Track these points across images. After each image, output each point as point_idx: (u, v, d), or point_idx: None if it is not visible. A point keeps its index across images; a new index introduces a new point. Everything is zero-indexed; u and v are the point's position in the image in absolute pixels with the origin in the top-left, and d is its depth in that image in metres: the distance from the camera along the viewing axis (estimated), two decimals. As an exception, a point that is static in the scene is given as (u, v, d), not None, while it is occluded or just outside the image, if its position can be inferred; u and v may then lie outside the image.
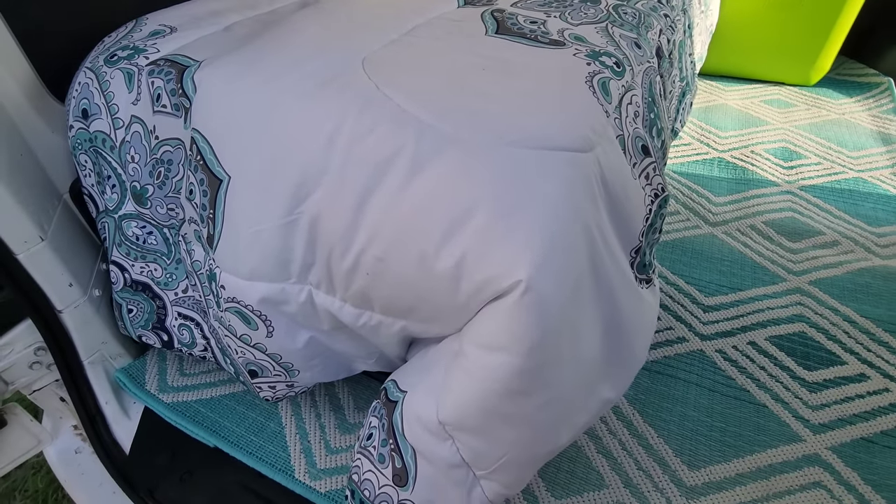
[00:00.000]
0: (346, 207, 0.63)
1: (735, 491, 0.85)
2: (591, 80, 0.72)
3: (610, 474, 0.88)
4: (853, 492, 0.84)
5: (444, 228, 0.58)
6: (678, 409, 0.97)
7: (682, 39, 1.18)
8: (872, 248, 1.29)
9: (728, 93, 2.02)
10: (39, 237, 0.85)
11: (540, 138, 0.62)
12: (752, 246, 1.32)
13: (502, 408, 0.58)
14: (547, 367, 0.58)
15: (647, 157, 0.77)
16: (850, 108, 1.87)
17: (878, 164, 1.57)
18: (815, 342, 1.07)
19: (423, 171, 0.60)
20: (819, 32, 1.89)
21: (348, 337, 0.79)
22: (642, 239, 0.75)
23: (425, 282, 0.60)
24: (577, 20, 0.88)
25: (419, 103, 0.65)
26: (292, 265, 0.69)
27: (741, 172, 1.58)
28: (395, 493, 0.67)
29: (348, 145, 0.63)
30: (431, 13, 0.91)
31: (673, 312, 1.16)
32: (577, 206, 0.60)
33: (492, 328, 0.57)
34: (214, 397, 1.03)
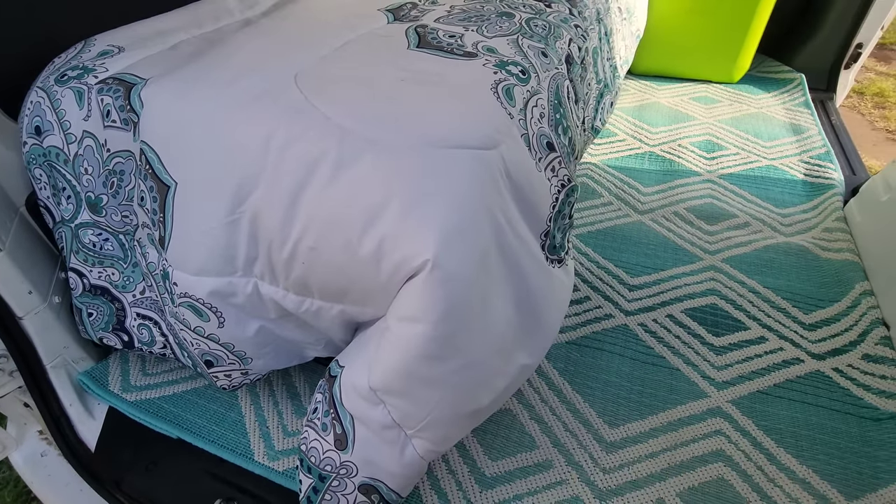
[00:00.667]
0: (281, 205, 0.71)
1: (648, 443, 0.96)
2: (496, 87, 0.82)
3: (541, 437, 0.98)
4: (748, 436, 0.96)
5: (364, 218, 0.67)
6: (603, 377, 1.09)
7: (598, 46, 1.31)
8: (778, 227, 1.44)
9: (660, 91, 2.17)
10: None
11: (448, 139, 0.72)
12: (674, 230, 1.45)
13: (421, 371, 0.68)
14: (458, 334, 0.68)
15: (553, 152, 0.88)
16: (768, 103, 2.05)
17: (788, 153, 1.74)
18: (724, 312, 1.21)
19: (346, 171, 0.69)
20: (737, 34, 2.06)
21: (295, 325, 0.87)
22: (550, 224, 0.86)
23: (352, 266, 0.69)
24: (491, 33, 0.99)
25: (343, 112, 0.74)
26: (237, 260, 0.77)
27: (668, 164, 1.72)
28: (337, 456, 0.75)
29: (281, 150, 0.72)
30: (362, 29, 1.00)
31: (602, 292, 1.27)
32: (480, 194, 0.70)
33: (408, 302, 0.66)
34: (177, 393, 1.10)
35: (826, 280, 1.26)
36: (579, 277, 1.32)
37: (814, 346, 1.11)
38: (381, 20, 1.06)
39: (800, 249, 1.35)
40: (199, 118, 0.77)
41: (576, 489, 0.90)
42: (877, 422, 0.96)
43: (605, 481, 0.91)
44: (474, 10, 1.09)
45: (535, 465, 0.94)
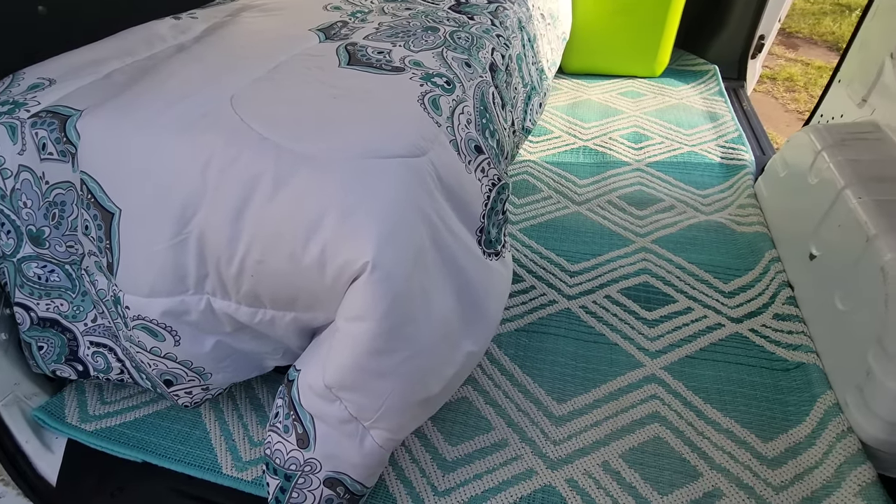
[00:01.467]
0: (225, 223, 0.75)
1: (593, 413, 1.05)
2: (423, 99, 0.89)
3: (496, 419, 1.05)
4: (679, 397, 1.07)
5: (305, 229, 0.72)
6: (550, 358, 1.17)
7: (521, 52, 1.40)
8: (699, 208, 1.58)
9: (591, 89, 2.31)
10: (-63, 289, 0.89)
11: (378, 150, 0.78)
12: (608, 218, 1.57)
13: (371, 365, 0.73)
14: (403, 327, 0.74)
15: (481, 154, 0.95)
16: (687, 94, 2.22)
17: (706, 139, 1.90)
18: (654, 288, 1.32)
19: (285, 186, 0.74)
20: (655, 31, 2.22)
21: (251, 336, 0.91)
22: (484, 220, 0.93)
23: (298, 274, 0.74)
24: (418, 47, 1.06)
25: (278, 131, 0.79)
26: (188, 278, 0.81)
27: (601, 157, 1.85)
28: (300, 454, 0.80)
29: (221, 171, 0.76)
30: (294, 50, 1.05)
31: (546, 281, 1.36)
32: (412, 198, 0.76)
33: (353, 303, 0.72)
34: (138, 418, 1.10)
35: (741, 251, 1.39)
36: (524, 269, 1.41)
37: (732, 311, 1.24)
38: (312, 40, 1.11)
39: (718, 226, 1.49)
40: (138, 145, 0.80)
41: (530, 462, 0.98)
42: (786, 371, 1.08)
43: (555, 452, 0.99)
44: (401, 26, 1.16)
45: (491, 445, 1.01)
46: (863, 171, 1.07)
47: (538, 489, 0.93)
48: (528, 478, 0.95)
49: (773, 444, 0.97)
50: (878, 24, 1.24)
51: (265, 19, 1.26)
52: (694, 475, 0.94)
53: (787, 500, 0.89)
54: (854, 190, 1.04)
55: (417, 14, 1.25)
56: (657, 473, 0.94)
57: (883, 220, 0.95)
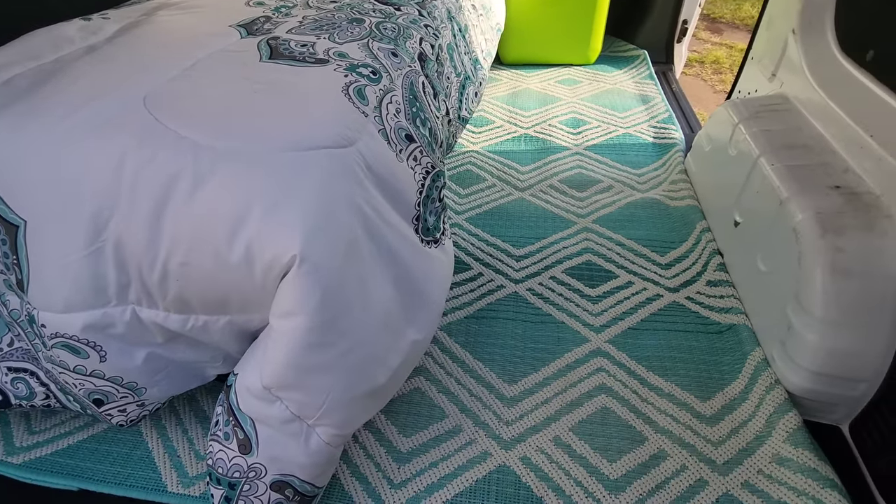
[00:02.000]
0: (144, 226, 0.72)
1: (543, 391, 1.07)
2: (348, 89, 0.88)
3: (449, 406, 1.06)
4: (623, 367, 1.11)
5: (229, 226, 0.70)
6: (500, 342, 1.19)
7: (452, 42, 1.41)
8: (635, 186, 1.64)
9: (529, 78, 2.35)
10: None
11: (302, 142, 0.76)
12: (551, 201, 1.60)
13: (309, 361, 0.72)
14: (339, 319, 0.72)
15: (413, 143, 0.95)
16: (620, 79, 2.29)
17: (639, 121, 1.97)
18: (597, 266, 1.36)
19: (205, 184, 0.71)
20: (586, 20, 2.29)
21: (187, 345, 0.87)
22: (420, 208, 0.93)
23: (226, 274, 0.72)
24: (343, 39, 1.04)
25: (196, 129, 0.76)
26: (108, 289, 0.76)
27: (541, 143, 1.88)
28: (243, 461, 0.77)
29: (135, 173, 0.72)
30: (214, 47, 1.01)
31: (493, 267, 1.38)
32: (339, 189, 0.75)
33: (284, 299, 0.70)
34: (72, 445, 1.03)
35: (675, 224, 1.46)
36: (472, 257, 1.42)
37: (669, 281, 1.29)
38: (233, 37, 1.07)
39: (653, 202, 1.55)
40: (40, 152, 0.75)
41: (484, 445, 0.99)
42: (719, 334, 1.14)
43: (508, 433, 1.00)
44: (326, 19, 1.14)
45: (446, 432, 1.01)
46: (775, 140, 1.14)
47: (493, 470, 0.94)
48: (482, 460, 0.96)
49: (711, 402, 1.02)
50: (779, 3, 1.33)
51: (183, 17, 1.21)
52: (640, 440, 0.97)
53: (725, 453, 0.94)
54: (768, 158, 1.11)
55: (343, 6, 1.24)
56: (605, 442, 0.97)
57: (793, 184, 1.01)
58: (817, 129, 1.13)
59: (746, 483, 0.89)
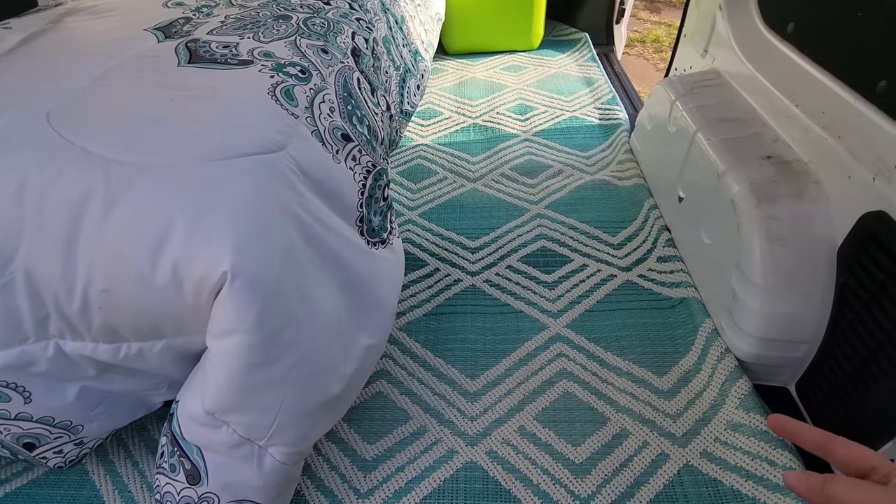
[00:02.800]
0: (56, 253, 0.66)
1: (505, 382, 1.07)
2: (274, 91, 0.83)
3: (413, 407, 1.04)
4: (582, 350, 1.12)
5: (151, 246, 0.65)
6: (461, 336, 1.17)
7: (388, 35, 1.38)
8: (584, 169, 1.65)
9: (475, 67, 2.34)
10: None
11: (226, 150, 0.72)
12: (503, 190, 1.60)
13: (252, 380, 0.68)
14: (282, 333, 0.69)
15: (350, 142, 0.92)
16: (564, 62, 2.31)
17: (584, 103, 1.99)
18: (552, 251, 1.37)
19: (119, 202, 0.66)
20: (526, 6, 2.29)
21: (124, 375, 0.82)
22: (363, 209, 0.90)
23: (153, 296, 0.67)
24: (268, 38, 0.99)
25: (105, 143, 0.70)
26: (24, 324, 0.70)
27: (490, 132, 1.88)
28: (193, 492, 0.73)
29: (39, 197, 0.66)
30: (126, 53, 0.94)
31: (449, 261, 1.37)
32: (271, 196, 0.71)
33: (220, 317, 0.66)
34: (10, 492, 0.96)
35: (624, 204, 1.48)
36: (427, 252, 1.40)
37: (622, 261, 1.31)
38: (149, 41, 1.00)
39: (602, 184, 1.57)
40: (-71, 181, 0.68)
41: (450, 444, 0.97)
42: (672, 308, 1.17)
43: (473, 428, 0.99)
44: (250, 17, 1.08)
45: (411, 434, 1.00)
46: (710, 114, 1.17)
47: (461, 468, 0.94)
48: (449, 459, 0.95)
49: (667, 377, 1.04)
50: (706, -20, 1.36)
51: (93, 23, 1.12)
52: (602, 421, 0.98)
53: (683, 425, 0.96)
54: (704, 133, 1.13)
55: (268, 3, 1.18)
56: (569, 427, 0.98)
57: (729, 157, 1.04)
58: (748, 102, 1.16)
59: (705, 452, 0.91)
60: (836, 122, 0.90)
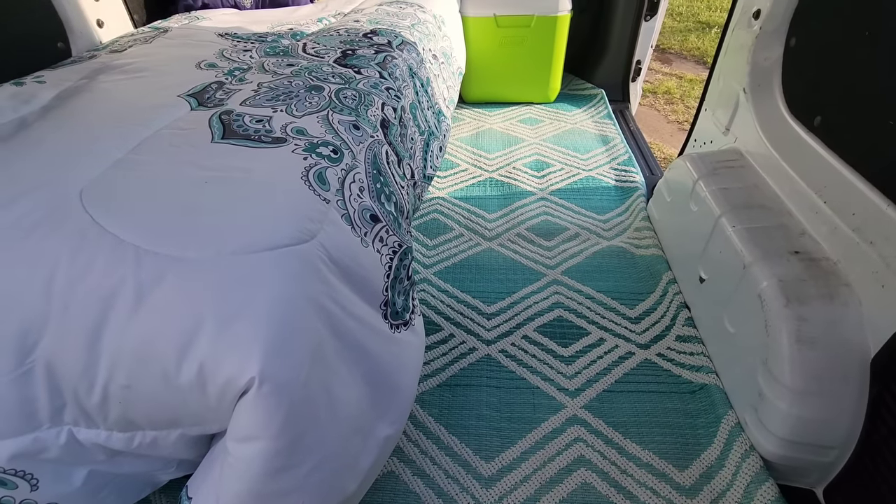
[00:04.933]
0: (80, 347, 0.65)
1: (521, 468, 1.04)
2: (307, 175, 0.83)
3: (425, 491, 1.01)
4: (601, 436, 1.09)
5: (177, 346, 0.63)
6: (475, 412, 1.15)
7: (415, 101, 1.39)
8: (601, 233, 1.65)
9: (492, 117, 2.37)
10: None
11: (258, 242, 0.71)
12: (519, 251, 1.59)
13: (272, 486, 0.66)
14: (305, 437, 0.67)
15: (378, 223, 0.91)
16: (580, 118, 2.34)
17: (600, 163, 2.01)
18: (568, 322, 1.35)
19: (148, 297, 0.65)
20: (545, 60, 2.33)
21: (134, 457, 0.79)
22: (388, 292, 0.89)
23: (176, 395, 0.65)
24: (301, 111, 1.00)
25: (137, 230, 0.70)
26: (40, 413, 0.68)
27: (507, 188, 1.88)
28: None
29: (67, 288, 0.65)
30: (160, 123, 0.95)
31: (464, 327, 1.35)
32: (301, 291, 0.70)
33: (242, 422, 0.64)
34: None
35: (642, 275, 1.47)
36: (442, 316, 1.38)
37: (640, 336, 1.29)
38: (182, 108, 1.01)
39: (620, 251, 1.57)
40: (-42, 264, 0.67)
41: (463, 534, 0.94)
42: (692, 394, 1.15)
43: (488, 518, 0.96)
44: (282, 87, 1.09)
45: (423, 522, 0.96)
46: (734, 198, 1.17)
47: (474, 564, 0.90)
48: (462, 553, 0.91)
49: (689, 471, 1.01)
50: (729, 62, 1.38)
51: (127, 83, 1.14)
52: (622, 518, 0.95)
53: (707, 528, 0.92)
54: (728, 218, 1.13)
55: (300, 71, 1.19)
56: (588, 523, 0.95)
57: (755, 248, 1.03)
58: (772, 189, 1.16)
59: (730, 561, 0.88)
60: (867, 226, 0.89)
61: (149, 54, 1.31)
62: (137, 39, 1.44)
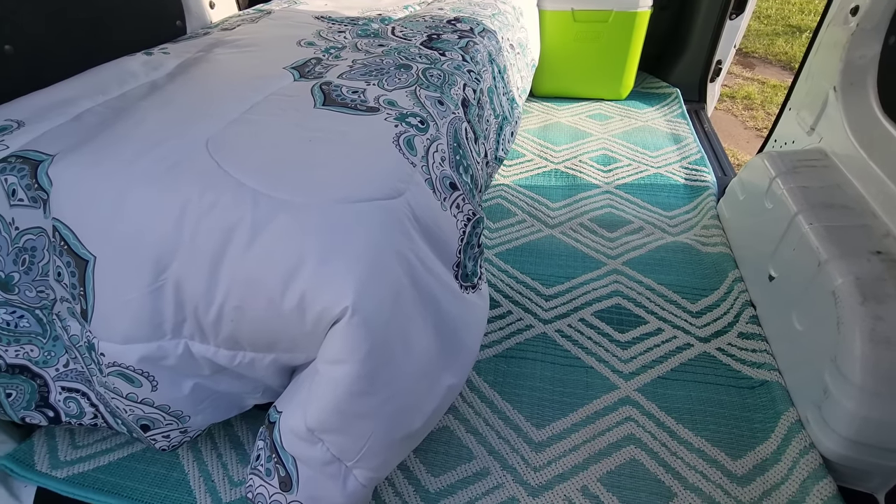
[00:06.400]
0: (203, 271, 0.76)
1: (570, 438, 1.08)
2: (398, 140, 0.92)
3: (477, 447, 1.07)
4: (652, 419, 1.10)
5: (284, 276, 0.73)
6: (528, 383, 1.20)
7: (492, 85, 1.45)
8: (666, 229, 1.64)
9: (560, 112, 2.38)
10: None
11: (355, 194, 0.80)
12: (581, 240, 1.62)
13: (353, 407, 0.74)
14: (383, 369, 0.75)
15: (456, 191, 0.98)
16: (652, 116, 2.31)
17: (670, 160, 1.98)
18: (626, 310, 1.36)
19: (262, 233, 0.75)
20: (620, 57, 2.31)
21: (231, 377, 0.91)
22: (460, 255, 0.96)
23: (278, 320, 0.75)
24: (391, 86, 1.09)
25: (255, 177, 0.80)
26: (165, 324, 0.81)
27: (572, 180, 1.90)
28: (283, 497, 0.80)
29: (198, 219, 0.76)
30: (268, 89, 1.07)
31: (522, 305, 1.40)
32: (389, 241, 0.78)
33: (334, 347, 0.73)
34: (113, 462, 1.08)
35: (707, 272, 1.46)
36: (501, 294, 1.43)
37: (700, 330, 1.29)
38: (286, 79, 1.13)
39: (684, 247, 1.55)
40: (112, 193, 0.80)
41: (511, 490, 0.99)
42: (751, 389, 1.14)
43: (536, 479, 1.01)
44: (375, 64, 1.19)
45: (474, 474, 1.03)
46: (813, 197, 1.14)
47: (520, 518, 0.95)
48: (509, 506, 0.97)
49: (742, 461, 1.01)
50: (820, 59, 1.34)
51: (238, 56, 1.27)
52: (669, 496, 0.97)
53: (756, 516, 0.93)
54: (806, 216, 1.11)
55: (390, 51, 1.29)
56: (634, 496, 0.97)
57: (833, 246, 1.01)
58: (857, 190, 1.13)
59: (778, 550, 0.88)
60: (959, 229, 0.86)
61: (256, 32, 1.45)
62: (244, 19, 1.60)
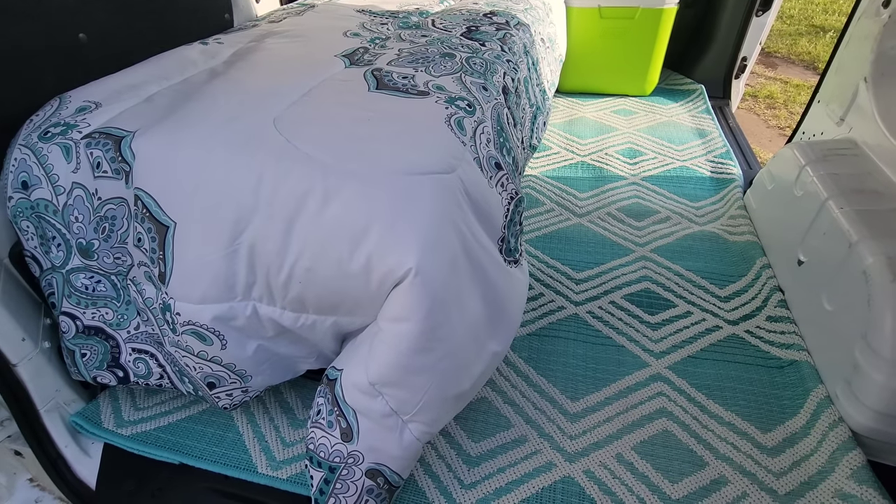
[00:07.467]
0: (277, 234, 0.82)
1: (604, 410, 1.13)
2: (450, 120, 0.98)
3: (514, 417, 1.12)
4: (683, 394, 1.15)
5: (352, 239, 0.79)
6: (562, 360, 1.25)
7: (527, 75, 1.51)
8: (693, 219, 1.68)
9: (585, 107, 2.43)
10: (-9, 299, 0.94)
11: (415, 167, 0.86)
12: (609, 229, 1.66)
13: (413, 363, 0.80)
14: (440, 328, 0.81)
15: (500, 170, 1.04)
16: (676, 111, 2.34)
17: (696, 154, 2.02)
18: (655, 294, 1.41)
19: (333, 201, 0.81)
20: (645, 53, 2.35)
21: (290, 341, 0.98)
22: (505, 230, 1.01)
23: (344, 280, 0.81)
24: (438, 73, 1.15)
25: (323, 150, 0.87)
26: (237, 286, 0.87)
27: (598, 171, 1.95)
28: (344, 447, 0.86)
29: (273, 187, 0.83)
30: (322, 76, 1.13)
31: (553, 288, 1.45)
32: (445, 211, 0.84)
33: (396, 305, 0.79)
34: (172, 423, 1.15)
35: (734, 259, 1.49)
36: (533, 277, 1.49)
37: (729, 314, 1.33)
38: (338, 66, 1.19)
39: (712, 236, 1.59)
40: (193, 164, 0.87)
41: (549, 456, 1.05)
42: (780, 369, 1.17)
43: (572, 446, 1.06)
44: (420, 53, 1.25)
45: (512, 441, 1.08)
46: (843, 183, 1.18)
47: (559, 480, 1.00)
48: (548, 470, 1.02)
49: (772, 434, 1.05)
50: (851, 51, 1.37)
51: (290, 45, 1.34)
52: (701, 464, 1.01)
53: (787, 484, 0.97)
54: (836, 201, 1.14)
55: (433, 41, 1.35)
56: (667, 463, 1.02)
57: (863, 228, 1.05)
58: (888, 176, 1.16)
59: (808, 515, 0.92)
60: None
61: (302, 24, 1.52)
62: (290, 13, 1.67)
